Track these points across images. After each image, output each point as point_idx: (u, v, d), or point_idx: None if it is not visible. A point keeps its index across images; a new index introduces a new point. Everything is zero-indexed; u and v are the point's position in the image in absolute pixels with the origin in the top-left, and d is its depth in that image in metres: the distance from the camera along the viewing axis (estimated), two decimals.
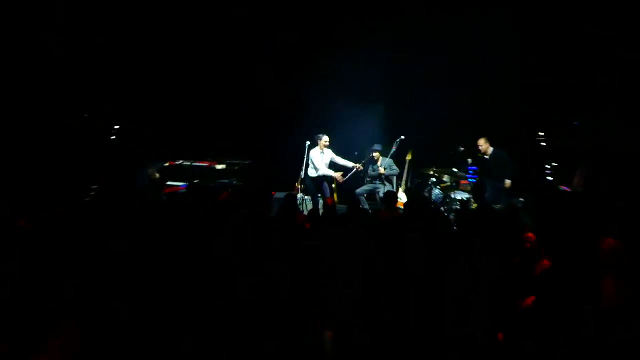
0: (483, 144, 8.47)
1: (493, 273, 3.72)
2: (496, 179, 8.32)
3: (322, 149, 8.67)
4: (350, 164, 8.83)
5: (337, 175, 8.71)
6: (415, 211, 5.39)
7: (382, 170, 8.96)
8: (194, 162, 9.43)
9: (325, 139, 8.65)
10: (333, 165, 8.99)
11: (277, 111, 10.46)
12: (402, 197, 8.93)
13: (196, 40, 10.05)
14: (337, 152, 8.94)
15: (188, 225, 4.51)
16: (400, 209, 7.48)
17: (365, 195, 9.11)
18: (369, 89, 9.83)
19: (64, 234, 3.86)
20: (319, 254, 4.12)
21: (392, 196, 6.73)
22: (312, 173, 8.70)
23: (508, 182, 8.22)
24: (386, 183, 9.01)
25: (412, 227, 4.72)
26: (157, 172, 8.47)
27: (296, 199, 7.26)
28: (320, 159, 8.65)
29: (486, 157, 8.53)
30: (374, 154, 9.09)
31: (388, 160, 9.01)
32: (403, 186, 9.16)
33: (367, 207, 8.88)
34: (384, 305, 3.56)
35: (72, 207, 4.85)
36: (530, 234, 4.70)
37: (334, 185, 9.64)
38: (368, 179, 9.30)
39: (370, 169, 9.22)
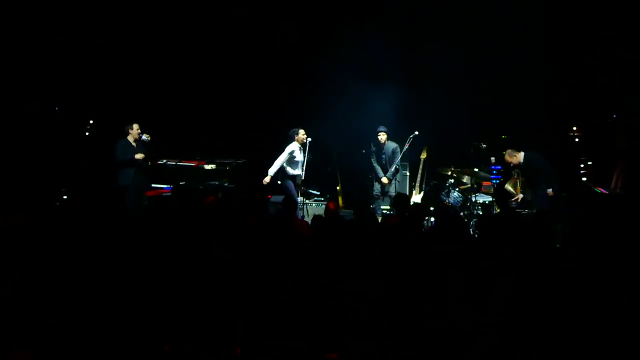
0: (508, 158, 8.07)
1: (511, 288, 3.64)
2: (536, 186, 7.97)
3: (300, 145, 8.58)
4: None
5: (266, 178, 8.44)
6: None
7: (384, 180, 8.82)
8: (179, 162, 9.35)
9: (302, 133, 8.56)
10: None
11: (273, 103, 10.33)
12: (417, 201, 8.85)
13: (178, 28, 9.98)
14: (340, 149, 8.69)
15: (173, 235, 4.39)
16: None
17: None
18: (380, 77, 9.68)
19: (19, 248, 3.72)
20: (323, 267, 4.03)
21: (403, 199, 6.64)
22: (291, 171, 8.59)
23: (550, 191, 7.80)
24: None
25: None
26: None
27: (296, 203, 7.18)
28: (287, 156, 8.49)
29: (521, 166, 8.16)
30: (380, 136, 8.95)
31: (394, 146, 8.87)
32: (417, 188, 9.07)
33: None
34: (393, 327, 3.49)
35: (36, 212, 4.74)
36: None
37: (338, 188, 9.54)
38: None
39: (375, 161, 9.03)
